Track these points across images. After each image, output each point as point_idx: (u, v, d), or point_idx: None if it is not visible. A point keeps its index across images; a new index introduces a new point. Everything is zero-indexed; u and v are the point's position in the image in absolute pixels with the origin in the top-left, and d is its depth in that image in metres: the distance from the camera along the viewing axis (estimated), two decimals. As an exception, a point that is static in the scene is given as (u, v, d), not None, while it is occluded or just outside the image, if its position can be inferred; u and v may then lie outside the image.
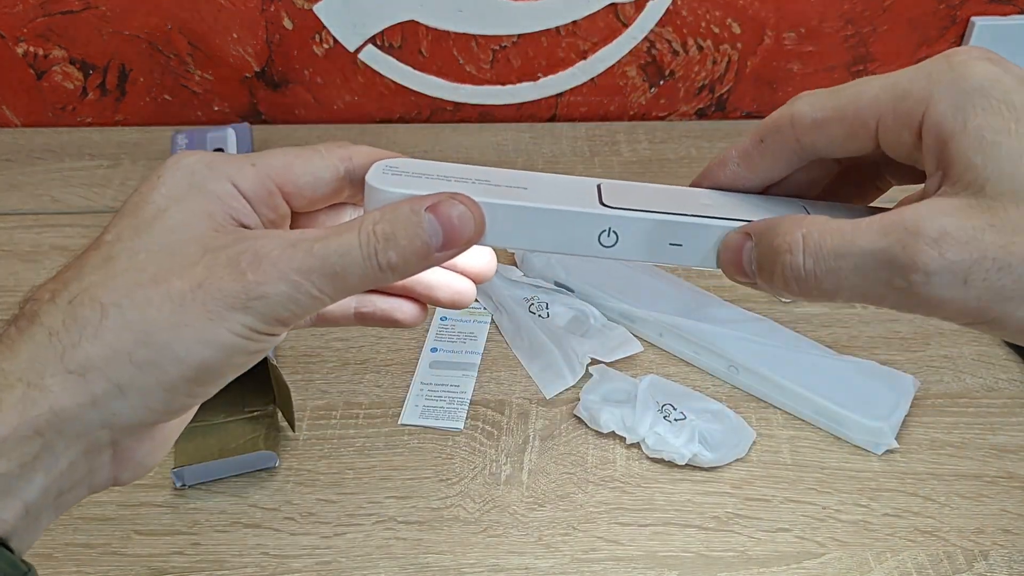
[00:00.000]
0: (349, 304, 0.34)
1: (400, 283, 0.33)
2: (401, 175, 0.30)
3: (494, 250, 0.34)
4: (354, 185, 0.31)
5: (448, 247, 0.28)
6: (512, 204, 0.29)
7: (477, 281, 0.35)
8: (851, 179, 0.32)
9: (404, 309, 0.34)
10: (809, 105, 0.29)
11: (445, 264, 0.34)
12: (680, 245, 0.30)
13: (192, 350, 0.26)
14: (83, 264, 0.28)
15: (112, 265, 0.27)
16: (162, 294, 0.26)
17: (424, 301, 0.35)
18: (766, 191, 0.32)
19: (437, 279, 0.34)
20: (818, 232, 0.26)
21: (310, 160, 0.30)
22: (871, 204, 0.33)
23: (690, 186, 0.32)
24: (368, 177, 0.29)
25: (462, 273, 0.35)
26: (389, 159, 0.31)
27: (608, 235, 0.29)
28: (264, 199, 0.30)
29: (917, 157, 0.27)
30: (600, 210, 0.29)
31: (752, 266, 0.28)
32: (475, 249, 0.33)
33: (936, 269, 0.23)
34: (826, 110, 0.28)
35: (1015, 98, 0.24)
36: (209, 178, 0.29)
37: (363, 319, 0.34)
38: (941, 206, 0.24)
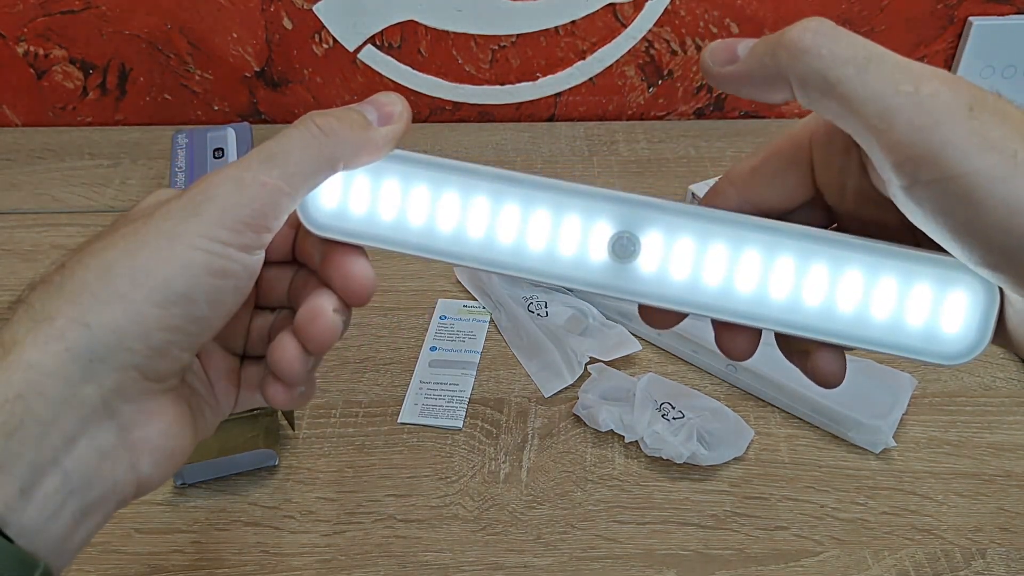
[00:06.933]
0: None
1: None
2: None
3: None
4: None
5: (384, 123, 0.30)
6: None
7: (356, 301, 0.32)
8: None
9: (277, 387, 0.33)
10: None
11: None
12: None
13: (151, 269, 0.26)
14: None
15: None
16: (118, 237, 0.27)
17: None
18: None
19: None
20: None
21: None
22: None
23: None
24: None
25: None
26: None
27: None
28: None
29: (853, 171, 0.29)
30: None
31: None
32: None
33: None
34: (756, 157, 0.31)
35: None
36: None
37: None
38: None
